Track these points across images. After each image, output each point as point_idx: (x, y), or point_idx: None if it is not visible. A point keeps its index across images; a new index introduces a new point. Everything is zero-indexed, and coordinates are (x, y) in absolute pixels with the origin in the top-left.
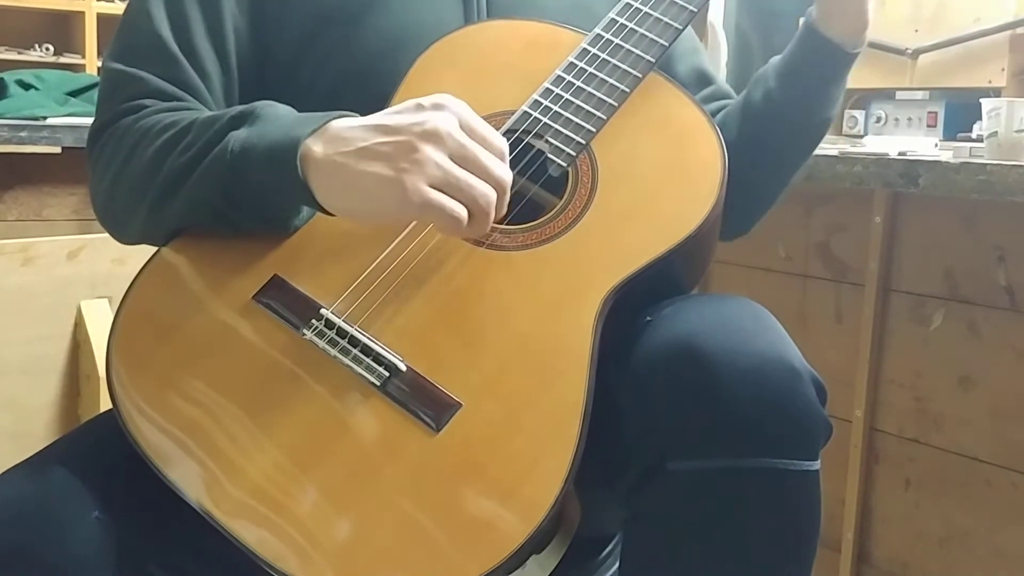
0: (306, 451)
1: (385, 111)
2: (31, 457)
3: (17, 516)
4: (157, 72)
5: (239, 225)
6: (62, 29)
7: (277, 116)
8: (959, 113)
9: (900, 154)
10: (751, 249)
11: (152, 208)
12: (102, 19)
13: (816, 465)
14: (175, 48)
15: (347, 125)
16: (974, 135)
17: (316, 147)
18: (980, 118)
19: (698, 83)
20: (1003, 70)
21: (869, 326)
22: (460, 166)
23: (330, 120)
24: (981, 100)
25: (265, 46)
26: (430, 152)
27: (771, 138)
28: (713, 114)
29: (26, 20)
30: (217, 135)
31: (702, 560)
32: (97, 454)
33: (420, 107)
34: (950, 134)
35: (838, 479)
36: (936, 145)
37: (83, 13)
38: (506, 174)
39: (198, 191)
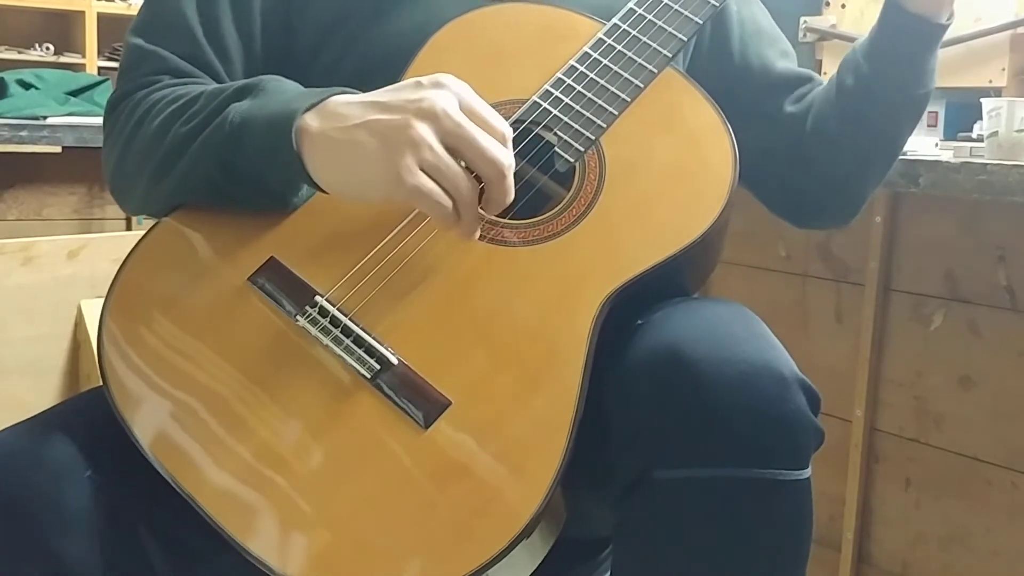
0: (291, 438)
1: (385, 88)
2: (26, 419)
3: (10, 468)
4: (177, 51)
5: (236, 199)
6: (62, 28)
7: (280, 90)
8: (959, 113)
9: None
10: (751, 249)
11: (154, 176)
12: (102, 19)
13: (806, 473)
14: (198, 29)
15: (345, 101)
16: (974, 135)
17: (313, 122)
18: (980, 118)
19: (796, 83)
20: (1003, 70)
21: (869, 326)
22: (456, 146)
23: (330, 96)
24: (981, 100)
25: (291, 30)
26: (424, 131)
27: (871, 119)
28: (808, 104)
29: (26, 20)
30: (220, 106)
31: (688, 570)
32: (92, 420)
33: (419, 85)
34: (950, 134)
35: (838, 479)
36: (936, 145)
37: (83, 13)
38: (505, 157)
39: (197, 161)
